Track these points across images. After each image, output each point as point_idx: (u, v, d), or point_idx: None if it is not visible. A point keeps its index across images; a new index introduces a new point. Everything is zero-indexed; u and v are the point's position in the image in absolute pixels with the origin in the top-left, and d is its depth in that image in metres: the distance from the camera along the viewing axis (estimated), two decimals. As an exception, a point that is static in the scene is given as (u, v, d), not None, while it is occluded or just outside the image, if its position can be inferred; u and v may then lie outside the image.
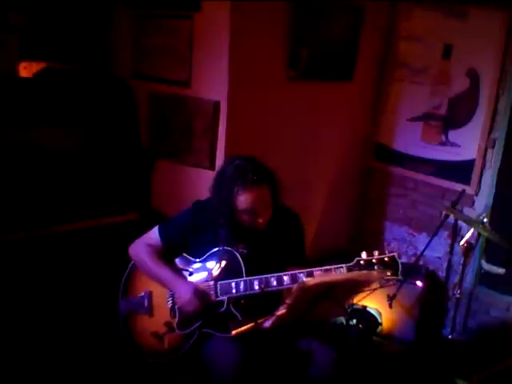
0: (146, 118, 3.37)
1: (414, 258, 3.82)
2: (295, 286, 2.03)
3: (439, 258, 3.76)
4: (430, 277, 3.72)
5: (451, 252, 3.21)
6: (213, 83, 3.07)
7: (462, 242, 2.93)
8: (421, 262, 3.69)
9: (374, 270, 2.12)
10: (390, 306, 3.34)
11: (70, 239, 2.89)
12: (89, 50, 3.28)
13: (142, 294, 2.48)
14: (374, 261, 2.15)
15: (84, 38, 3.26)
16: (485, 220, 2.90)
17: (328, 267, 2.19)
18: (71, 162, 2.97)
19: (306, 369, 2.31)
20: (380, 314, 3.48)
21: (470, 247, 2.92)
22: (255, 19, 3.02)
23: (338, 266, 2.18)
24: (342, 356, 2.95)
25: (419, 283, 3.53)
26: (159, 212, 3.25)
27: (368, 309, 3.44)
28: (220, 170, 2.38)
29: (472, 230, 2.92)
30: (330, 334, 3.13)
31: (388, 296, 3.31)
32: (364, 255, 2.17)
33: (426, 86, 3.73)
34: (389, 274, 2.14)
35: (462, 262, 3.15)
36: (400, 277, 2.16)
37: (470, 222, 2.97)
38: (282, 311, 2.01)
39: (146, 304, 2.45)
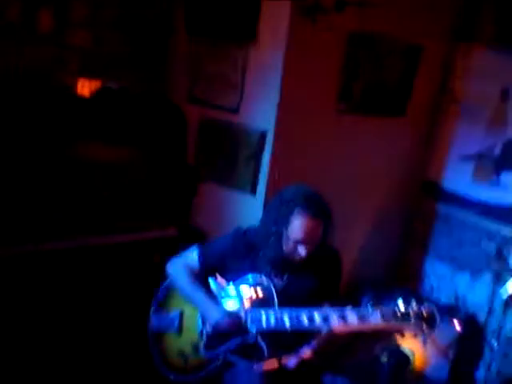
0: (195, 140, 3.46)
1: (453, 298, 3.75)
2: (324, 333, 2.01)
3: (480, 301, 3.66)
4: (468, 319, 3.64)
5: (493, 298, 3.15)
6: (262, 112, 3.13)
7: (504, 296, 2.87)
8: (460, 303, 3.62)
9: (409, 322, 2.05)
10: (424, 343, 3.29)
11: (110, 252, 3.01)
12: (147, 71, 3.40)
13: (174, 313, 2.54)
14: (410, 310, 2.07)
15: (143, 59, 3.38)
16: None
17: (363, 310, 2.11)
18: (119, 176, 3.09)
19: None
20: (413, 352, 3.43)
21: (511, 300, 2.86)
22: (309, 51, 3.06)
23: (373, 311, 2.09)
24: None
25: (457, 325, 3.46)
26: (198, 229, 3.34)
27: (401, 347, 3.40)
28: (284, 191, 2.37)
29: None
30: (357, 370, 3.11)
31: (423, 335, 3.26)
32: (401, 304, 2.09)
33: (481, 126, 3.65)
34: (424, 328, 2.07)
35: (503, 308, 3.09)
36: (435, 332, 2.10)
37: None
38: (307, 354, 2.01)
39: (176, 323, 2.52)
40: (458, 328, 3.43)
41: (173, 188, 3.26)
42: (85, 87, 3.05)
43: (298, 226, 2.24)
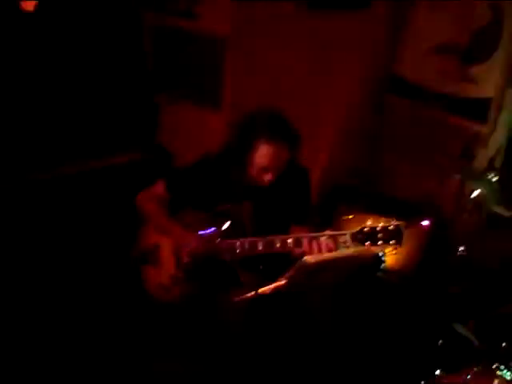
0: (152, 51, 3.23)
1: (422, 198, 3.78)
2: (297, 263, 2.04)
3: (449, 195, 3.70)
4: (437, 214, 3.68)
5: (460, 197, 3.18)
6: (220, 17, 2.92)
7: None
8: (429, 203, 3.65)
9: (376, 241, 2.08)
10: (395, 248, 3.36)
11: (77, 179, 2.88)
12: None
13: (150, 246, 2.50)
14: (377, 229, 2.08)
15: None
16: (494, 179, 2.85)
17: (332, 233, 2.15)
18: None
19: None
20: (384, 252, 3.49)
21: (478, 203, 2.90)
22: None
23: (342, 232, 2.13)
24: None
25: (426, 223, 3.50)
26: (164, 149, 3.20)
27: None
28: (247, 116, 2.31)
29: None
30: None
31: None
32: (368, 223, 2.09)
33: (448, 17, 3.49)
34: (392, 243, 2.09)
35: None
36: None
37: (477, 181, 2.94)
38: (281, 282, 2.04)
39: (153, 256, 2.48)
40: (426, 225, 3.49)
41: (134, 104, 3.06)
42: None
43: (262, 153, 2.21)
